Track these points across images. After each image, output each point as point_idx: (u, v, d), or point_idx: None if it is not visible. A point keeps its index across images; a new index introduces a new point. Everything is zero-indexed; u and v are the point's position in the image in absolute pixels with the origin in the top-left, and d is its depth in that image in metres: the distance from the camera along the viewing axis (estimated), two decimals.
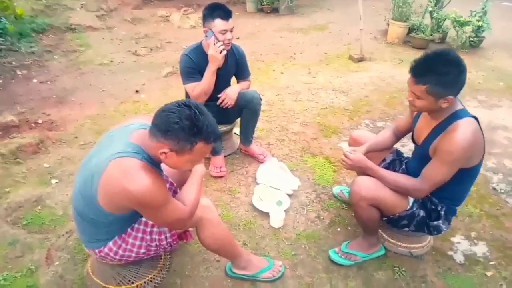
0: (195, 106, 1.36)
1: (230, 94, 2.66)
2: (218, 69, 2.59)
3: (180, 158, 1.39)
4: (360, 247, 2.09)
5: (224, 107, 2.67)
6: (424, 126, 1.88)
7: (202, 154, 1.43)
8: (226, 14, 2.43)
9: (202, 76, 2.57)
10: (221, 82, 2.68)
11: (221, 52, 2.44)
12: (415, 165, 1.95)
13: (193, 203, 1.57)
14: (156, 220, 1.51)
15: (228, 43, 2.49)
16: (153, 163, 1.43)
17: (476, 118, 1.71)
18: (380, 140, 2.17)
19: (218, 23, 2.41)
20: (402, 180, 1.82)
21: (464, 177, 1.76)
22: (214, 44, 2.43)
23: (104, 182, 1.36)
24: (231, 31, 2.48)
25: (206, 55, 2.56)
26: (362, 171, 1.96)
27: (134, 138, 1.44)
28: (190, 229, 1.77)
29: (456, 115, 1.71)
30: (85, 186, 1.44)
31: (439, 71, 1.60)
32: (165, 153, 1.36)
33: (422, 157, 1.85)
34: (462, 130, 1.64)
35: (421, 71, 1.64)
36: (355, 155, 1.94)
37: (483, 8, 5.55)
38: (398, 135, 2.15)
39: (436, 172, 1.72)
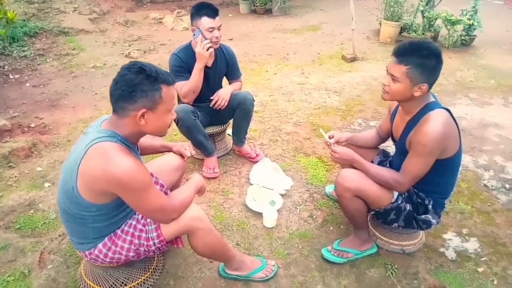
0: (138, 62, 1.43)
1: (223, 95, 2.67)
2: (208, 68, 2.61)
3: (157, 113, 1.44)
4: (352, 244, 2.11)
5: (217, 108, 2.68)
6: (400, 121, 1.92)
7: (171, 98, 1.48)
8: (212, 12, 2.45)
9: (190, 75, 2.59)
10: (212, 82, 2.69)
11: (208, 50, 2.46)
12: (396, 161, 1.98)
13: (181, 201, 1.58)
14: (138, 206, 1.46)
15: (216, 41, 2.51)
16: (129, 146, 1.46)
17: (448, 110, 1.76)
18: (363, 136, 2.23)
19: (205, 21, 2.44)
20: (384, 173, 1.86)
21: (444, 168, 1.80)
22: (201, 41, 2.44)
23: (83, 168, 1.38)
24: (218, 29, 2.49)
25: (195, 54, 2.58)
26: (349, 164, 1.98)
27: (105, 126, 1.47)
28: (181, 236, 1.77)
29: (428, 108, 1.77)
30: (66, 181, 1.45)
31: (422, 54, 1.66)
32: (143, 116, 1.41)
33: (401, 152, 1.90)
34: (433, 121, 1.69)
35: (405, 51, 1.70)
36: (342, 148, 1.97)
37: (473, 7, 5.60)
38: (383, 136, 2.19)
39: (413, 165, 1.77)
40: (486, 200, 2.63)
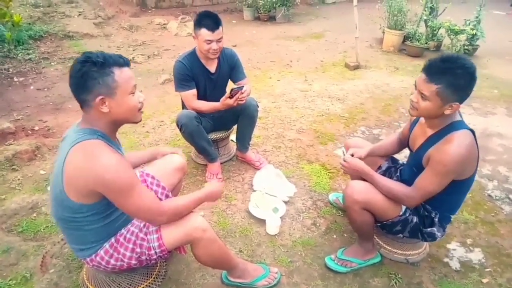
0: (87, 52, 1.41)
1: (248, 91, 2.64)
2: (211, 74, 2.63)
3: (117, 98, 1.40)
4: (356, 253, 2.09)
5: (238, 99, 2.54)
6: (420, 133, 1.88)
7: (127, 80, 1.43)
8: (212, 25, 2.42)
9: (195, 83, 2.60)
10: (216, 88, 2.69)
11: (237, 104, 2.52)
12: (408, 172, 1.96)
13: (174, 207, 1.55)
14: (122, 204, 1.43)
15: (213, 53, 2.50)
16: (109, 141, 1.45)
17: (472, 131, 1.70)
18: (384, 144, 2.18)
19: (203, 33, 2.43)
20: (395, 188, 1.82)
21: (457, 188, 1.77)
22: (231, 97, 2.48)
23: (68, 170, 1.37)
24: (218, 41, 2.47)
25: (200, 61, 2.60)
26: (359, 175, 1.97)
27: (82, 124, 1.46)
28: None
29: (453, 126, 1.70)
30: (54, 185, 1.45)
31: (455, 73, 1.57)
32: (103, 103, 1.38)
33: (415, 164, 1.86)
34: (458, 142, 1.63)
35: (437, 70, 1.60)
36: (352, 158, 1.94)
37: (476, 17, 5.64)
38: (404, 142, 2.13)
39: (427, 182, 1.72)
40: (490, 210, 2.62)
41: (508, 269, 2.15)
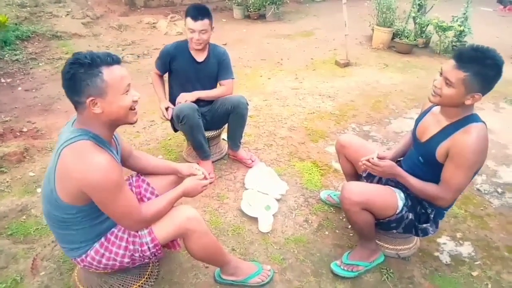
0: (77, 52, 1.39)
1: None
2: (198, 64, 2.69)
3: (109, 98, 1.38)
4: (361, 256, 2.07)
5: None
6: (432, 123, 1.83)
7: (119, 79, 1.40)
8: (197, 15, 2.50)
9: (169, 67, 2.71)
10: (203, 80, 2.71)
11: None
12: (411, 162, 1.89)
13: (152, 213, 1.56)
14: (106, 207, 1.43)
15: (196, 43, 2.56)
16: (102, 142, 1.43)
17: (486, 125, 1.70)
18: (405, 143, 2.14)
19: (188, 22, 2.54)
20: (429, 189, 1.78)
21: None
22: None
23: (59, 171, 1.37)
24: (201, 32, 2.53)
25: (187, 51, 2.67)
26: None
27: (77, 125, 1.45)
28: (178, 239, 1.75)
29: (471, 118, 1.69)
30: (46, 184, 1.45)
31: (484, 63, 1.56)
32: (94, 104, 1.36)
33: (423, 154, 1.84)
34: (477, 134, 1.62)
35: (467, 57, 1.59)
36: (386, 161, 1.85)
37: (464, 14, 5.70)
38: None
39: (455, 178, 1.69)
40: (479, 204, 2.65)
41: (497, 262, 2.19)
